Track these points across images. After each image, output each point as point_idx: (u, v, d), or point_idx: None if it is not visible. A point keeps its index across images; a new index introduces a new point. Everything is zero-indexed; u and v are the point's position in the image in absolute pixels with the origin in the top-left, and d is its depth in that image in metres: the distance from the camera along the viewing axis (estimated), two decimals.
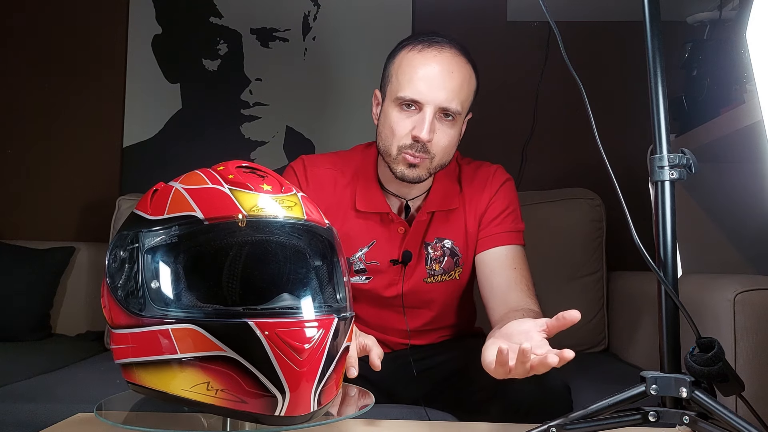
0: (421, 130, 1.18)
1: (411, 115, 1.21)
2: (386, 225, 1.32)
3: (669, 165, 0.90)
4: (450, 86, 1.20)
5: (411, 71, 1.21)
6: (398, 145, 1.22)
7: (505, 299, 1.25)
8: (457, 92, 1.20)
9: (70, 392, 1.39)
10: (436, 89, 1.19)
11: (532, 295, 1.27)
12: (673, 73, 1.34)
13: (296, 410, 0.76)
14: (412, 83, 1.20)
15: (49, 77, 2.41)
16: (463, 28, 2.28)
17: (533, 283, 1.30)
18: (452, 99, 1.20)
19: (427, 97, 1.19)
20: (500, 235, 1.32)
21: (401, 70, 1.23)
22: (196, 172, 0.86)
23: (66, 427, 1.00)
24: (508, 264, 1.29)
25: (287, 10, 2.37)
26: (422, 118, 1.19)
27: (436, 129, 1.20)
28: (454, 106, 1.20)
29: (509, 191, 1.36)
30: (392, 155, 1.24)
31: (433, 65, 1.20)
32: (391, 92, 1.24)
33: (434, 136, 1.20)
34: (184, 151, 2.35)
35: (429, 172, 1.25)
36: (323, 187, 1.32)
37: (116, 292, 0.80)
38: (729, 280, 1.29)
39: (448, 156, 1.26)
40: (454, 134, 1.24)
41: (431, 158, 1.22)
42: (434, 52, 1.22)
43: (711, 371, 0.84)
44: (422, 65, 1.21)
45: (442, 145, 1.22)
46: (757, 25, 1.05)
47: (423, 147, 1.20)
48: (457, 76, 1.21)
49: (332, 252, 0.86)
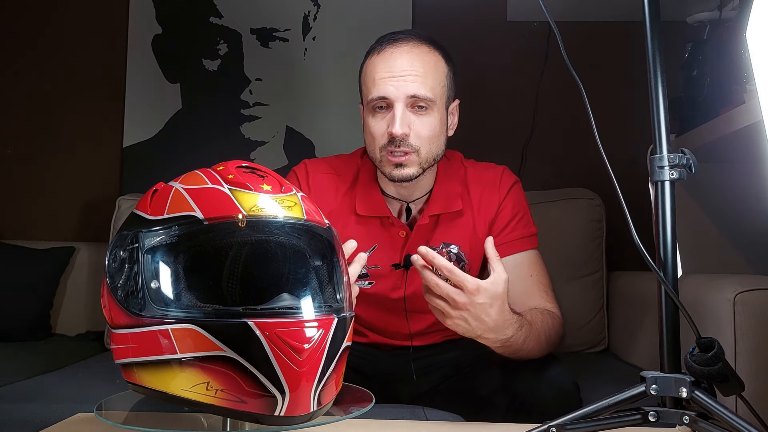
0: (393, 126, 1.20)
1: (384, 116, 1.23)
2: (387, 229, 1.31)
3: (669, 165, 0.91)
4: (413, 75, 1.21)
5: (374, 73, 1.23)
6: (379, 147, 1.24)
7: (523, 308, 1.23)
8: (423, 79, 1.21)
9: (70, 392, 1.39)
10: (399, 82, 1.21)
11: (550, 297, 1.28)
12: (673, 73, 1.34)
13: (296, 410, 0.76)
14: (376, 84, 1.22)
15: (49, 77, 2.41)
16: (463, 28, 2.29)
17: (551, 283, 1.31)
18: (418, 87, 1.21)
19: (392, 93, 1.21)
20: (514, 242, 1.31)
21: (367, 77, 1.25)
22: (195, 172, 0.86)
23: (66, 427, 1.00)
24: (525, 272, 1.29)
25: (287, 10, 2.37)
26: (393, 115, 1.20)
27: (412, 122, 1.21)
28: (423, 92, 1.21)
29: (518, 195, 1.36)
30: (377, 158, 1.25)
31: (392, 61, 1.22)
32: (365, 100, 1.26)
33: (412, 129, 1.21)
34: (184, 151, 2.35)
35: (421, 167, 1.24)
36: (325, 193, 1.33)
37: (116, 292, 0.80)
38: (729, 280, 1.29)
39: (437, 146, 1.26)
40: (433, 122, 1.23)
41: (417, 152, 1.22)
42: (391, 49, 1.24)
43: (711, 371, 0.84)
44: (383, 64, 1.23)
45: (425, 135, 1.22)
46: (757, 25, 1.05)
47: (403, 142, 1.21)
48: (418, 64, 1.22)
49: (332, 252, 0.86)
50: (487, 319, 1.02)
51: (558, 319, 1.24)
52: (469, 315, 1.02)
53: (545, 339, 1.18)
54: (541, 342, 1.16)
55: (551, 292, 1.29)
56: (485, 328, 1.04)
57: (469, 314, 1.02)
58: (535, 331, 1.14)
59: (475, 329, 1.04)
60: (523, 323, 1.11)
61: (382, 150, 1.23)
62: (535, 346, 1.15)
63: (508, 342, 1.09)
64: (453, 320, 1.03)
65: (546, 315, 1.21)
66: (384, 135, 1.22)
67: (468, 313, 1.02)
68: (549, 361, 1.19)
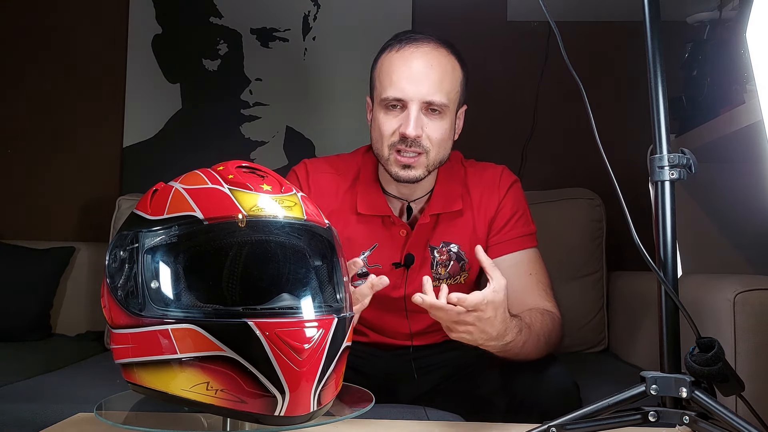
0: (407, 127, 1.19)
1: (397, 115, 1.22)
2: (388, 228, 1.31)
3: (669, 165, 0.91)
4: (431, 79, 1.20)
5: (391, 71, 1.22)
6: (388, 145, 1.23)
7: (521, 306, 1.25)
8: (439, 84, 1.21)
9: (70, 392, 1.39)
10: (417, 84, 1.20)
11: (549, 297, 1.28)
12: (673, 73, 1.34)
13: (296, 410, 0.76)
14: (393, 83, 1.21)
15: (49, 77, 2.41)
16: (463, 28, 2.29)
17: (550, 282, 1.31)
18: (435, 92, 1.20)
19: (410, 94, 1.20)
20: (513, 241, 1.31)
21: (383, 73, 1.24)
22: (195, 172, 0.86)
23: (66, 427, 1.00)
24: (523, 271, 1.29)
25: (287, 10, 2.37)
26: (407, 115, 1.20)
27: (425, 124, 1.21)
28: (438, 98, 1.20)
29: (517, 194, 1.36)
30: (384, 156, 1.25)
31: (412, 61, 1.22)
32: (377, 96, 1.26)
33: (425, 131, 1.21)
34: (184, 151, 2.35)
35: (427, 169, 1.25)
36: (325, 192, 1.33)
37: (116, 292, 0.80)
38: (729, 280, 1.29)
39: (445, 150, 1.26)
40: (445, 127, 1.24)
41: (426, 154, 1.22)
42: (411, 49, 1.23)
43: (711, 371, 0.84)
44: (401, 63, 1.22)
45: (436, 139, 1.22)
46: (757, 25, 1.05)
47: (414, 142, 1.20)
48: (437, 68, 1.21)
49: (332, 252, 0.86)
50: (491, 329, 1.02)
51: (557, 320, 1.24)
52: (474, 329, 1.02)
53: (544, 341, 1.18)
54: (540, 344, 1.16)
55: (550, 290, 1.30)
56: (488, 338, 1.04)
57: (474, 328, 1.01)
58: (534, 334, 1.14)
59: (478, 339, 1.04)
60: (522, 327, 1.11)
61: (390, 148, 1.23)
62: (533, 348, 1.15)
63: (507, 347, 1.09)
64: (458, 334, 1.03)
65: (545, 316, 1.21)
66: (395, 134, 1.22)
67: (474, 327, 1.01)
68: (549, 361, 1.20)
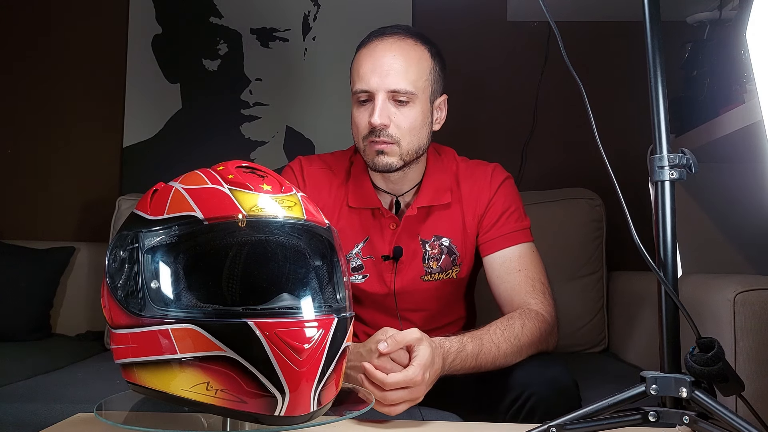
0: (373, 116, 1.23)
1: (367, 108, 1.26)
2: (378, 220, 1.34)
3: (669, 165, 0.91)
4: (395, 69, 1.24)
5: (359, 66, 1.27)
6: (361, 137, 1.27)
7: (511, 303, 1.28)
8: (404, 74, 1.24)
9: (70, 392, 1.39)
10: (380, 75, 1.23)
11: (538, 293, 1.28)
12: (673, 73, 1.34)
13: (296, 410, 0.76)
14: (360, 77, 1.26)
15: (49, 77, 2.41)
16: (463, 28, 2.29)
17: (543, 276, 1.31)
18: (399, 81, 1.23)
19: (373, 85, 1.24)
20: (504, 237, 1.32)
21: (353, 70, 1.29)
22: (195, 172, 0.86)
23: (66, 427, 1.00)
24: (513, 267, 1.30)
25: (287, 10, 2.37)
26: (374, 106, 1.23)
27: (392, 114, 1.24)
28: (403, 86, 1.23)
29: (509, 190, 1.36)
30: (361, 148, 1.29)
31: (376, 54, 1.26)
32: (352, 93, 1.29)
33: (393, 120, 1.24)
34: (184, 151, 2.35)
35: (402, 158, 1.26)
36: (319, 186, 1.36)
37: (116, 292, 0.80)
38: (729, 280, 1.29)
39: (418, 139, 1.27)
40: (414, 115, 1.25)
41: (398, 143, 1.25)
42: (376, 42, 1.27)
43: (711, 371, 0.84)
44: (367, 57, 1.26)
45: (405, 127, 1.25)
46: (757, 25, 1.05)
47: (383, 132, 1.23)
48: (400, 58, 1.25)
49: (332, 252, 0.86)
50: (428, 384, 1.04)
51: (541, 317, 1.24)
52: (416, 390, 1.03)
53: (527, 341, 1.18)
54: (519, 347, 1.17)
55: (540, 285, 1.29)
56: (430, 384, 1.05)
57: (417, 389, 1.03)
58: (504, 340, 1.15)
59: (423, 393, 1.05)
60: (465, 342, 1.12)
61: (364, 140, 1.27)
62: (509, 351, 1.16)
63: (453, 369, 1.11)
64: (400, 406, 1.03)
65: (527, 318, 1.21)
66: (366, 125, 1.25)
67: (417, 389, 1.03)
68: (549, 360, 1.20)
